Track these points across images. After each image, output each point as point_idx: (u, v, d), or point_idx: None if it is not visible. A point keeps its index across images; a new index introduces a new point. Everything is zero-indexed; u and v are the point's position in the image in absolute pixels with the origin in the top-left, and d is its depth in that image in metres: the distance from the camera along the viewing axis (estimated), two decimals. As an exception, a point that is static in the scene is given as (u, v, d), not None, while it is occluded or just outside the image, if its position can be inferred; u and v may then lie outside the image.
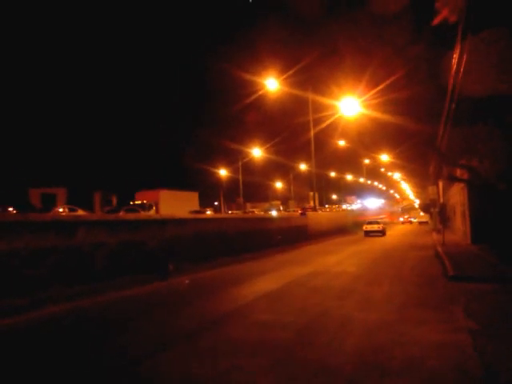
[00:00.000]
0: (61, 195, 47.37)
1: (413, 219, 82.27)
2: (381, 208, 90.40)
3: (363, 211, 74.20)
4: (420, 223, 69.90)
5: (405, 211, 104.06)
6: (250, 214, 44.89)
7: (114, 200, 53.75)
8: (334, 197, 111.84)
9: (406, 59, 18.89)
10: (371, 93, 26.10)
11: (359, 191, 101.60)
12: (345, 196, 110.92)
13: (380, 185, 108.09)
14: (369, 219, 46.65)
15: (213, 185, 69.64)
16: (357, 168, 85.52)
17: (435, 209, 34.74)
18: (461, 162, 19.35)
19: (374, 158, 69.95)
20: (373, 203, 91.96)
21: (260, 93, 34.40)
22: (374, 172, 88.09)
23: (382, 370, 5.23)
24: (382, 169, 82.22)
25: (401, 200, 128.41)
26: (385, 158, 63.46)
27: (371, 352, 5.92)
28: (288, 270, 15.44)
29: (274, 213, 46.35)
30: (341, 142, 60.18)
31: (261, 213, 55.64)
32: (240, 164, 61.90)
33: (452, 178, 25.46)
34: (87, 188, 50.38)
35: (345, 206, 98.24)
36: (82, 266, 11.88)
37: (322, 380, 5.10)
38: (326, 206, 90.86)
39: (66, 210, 32.69)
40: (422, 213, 74.56)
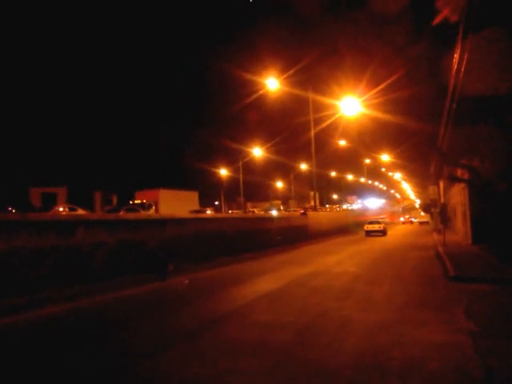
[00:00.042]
0: (61, 194, 47.39)
1: (413, 219, 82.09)
2: (381, 208, 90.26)
3: (364, 211, 74.12)
4: (420, 223, 69.76)
5: (405, 211, 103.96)
6: (250, 214, 44.83)
7: (115, 199, 53.76)
8: (335, 196, 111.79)
9: (407, 59, 18.87)
10: (372, 92, 26.09)
11: (360, 191, 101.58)
12: (345, 196, 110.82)
13: (381, 185, 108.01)
14: (370, 219, 46.67)
15: (213, 184, 69.71)
16: (357, 168, 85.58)
17: (436, 209, 34.70)
18: (462, 162, 19.31)
19: (375, 158, 69.92)
20: (373, 203, 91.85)
21: (260, 92, 34.37)
22: (375, 172, 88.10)
23: (382, 371, 5.21)
24: (383, 169, 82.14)
25: (401, 200, 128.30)
26: (385, 158, 63.42)
27: (371, 353, 5.89)
28: (288, 270, 15.40)
29: (275, 212, 46.32)
30: (341, 142, 60.19)
31: (261, 212, 55.60)
32: (240, 164, 61.90)
33: (453, 178, 25.41)
34: (88, 187, 50.42)
35: (345, 206, 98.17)
36: (82, 266, 11.86)
37: (322, 381, 5.08)
38: (327, 206, 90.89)
39: (66, 210, 32.67)
40: (423, 213, 74.45)
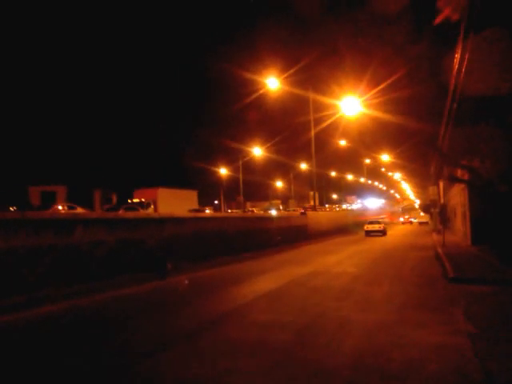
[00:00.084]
0: (61, 193, 47.29)
1: (413, 219, 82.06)
2: (381, 208, 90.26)
3: (363, 211, 74.10)
4: (420, 223, 69.73)
5: (405, 211, 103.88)
6: (250, 214, 44.79)
7: (114, 198, 53.67)
8: (335, 196, 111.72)
9: (407, 58, 18.82)
10: (372, 92, 26.04)
11: (359, 191, 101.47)
12: (345, 196, 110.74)
13: (380, 185, 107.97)
14: (370, 219, 47.00)
15: (213, 183, 69.66)
16: (357, 168, 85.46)
17: (435, 209, 34.68)
18: (462, 163, 19.27)
19: (375, 158, 69.91)
20: (373, 203, 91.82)
21: (261, 92, 34.29)
22: (375, 172, 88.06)
23: (381, 372, 5.18)
24: (383, 169, 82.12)
25: (401, 200, 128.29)
26: (385, 158, 63.47)
27: (370, 354, 5.87)
28: (287, 270, 15.38)
29: (274, 212, 46.29)
30: (341, 142, 60.13)
31: (260, 212, 55.55)
32: (240, 163, 61.83)
33: (453, 179, 25.38)
34: (87, 186, 50.30)
35: (345, 206, 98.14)
36: (81, 265, 11.83)
37: (321, 381, 5.06)
38: (326, 206, 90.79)
39: (65, 208, 32.62)
40: (422, 213, 74.42)
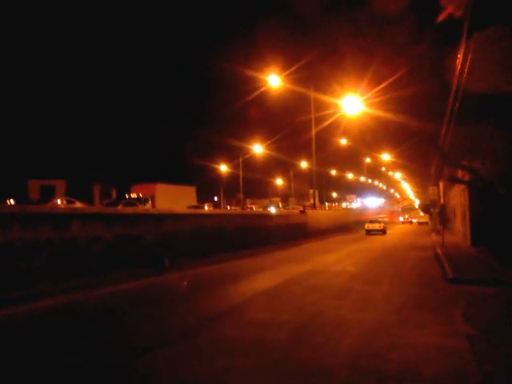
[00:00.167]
0: (60, 187, 47.11)
1: (413, 219, 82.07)
2: (381, 207, 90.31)
3: (363, 210, 74.16)
4: (419, 223, 69.70)
5: (405, 211, 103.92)
6: (249, 211, 44.73)
7: (114, 193, 53.52)
8: (335, 195, 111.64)
9: (409, 57, 18.73)
10: (373, 91, 25.98)
11: (359, 190, 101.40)
12: (345, 194, 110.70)
13: (381, 184, 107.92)
14: (370, 218, 47.98)
15: (213, 180, 69.56)
16: (358, 167, 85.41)
17: (435, 209, 34.62)
18: (462, 164, 19.21)
19: (376, 157, 69.88)
20: (373, 202, 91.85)
21: (262, 90, 34.18)
22: (375, 171, 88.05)
23: (379, 374, 5.12)
24: (383, 168, 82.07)
25: (401, 200, 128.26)
26: (386, 158, 63.50)
27: (368, 354, 5.81)
28: (286, 268, 15.34)
29: (273, 210, 46.27)
30: (342, 141, 60.03)
31: (260, 209, 55.51)
32: (240, 160, 61.71)
33: (453, 180, 25.33)
34: (87, 180, 50.18)
35: (344, 205, 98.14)
36: (78, 259, 11.78)
37: (319, 381, 5.01)
38: (326, 204, 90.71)
39: (64, 202, 32.52)
40: (422, 213, 74.38)
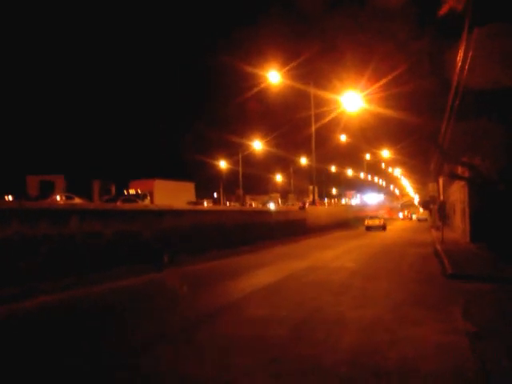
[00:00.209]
0: (59, 183, 47.02)
1: (413, 216, 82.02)
2: (380, 203, 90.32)
3: (363, 206, 74.19)
4: (419, 220, 69.62)
5: (404, 207, 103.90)
6: (249, 207, 44.72)
7: (113, 189, 53.46)
8: (334, 191, 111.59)
9: (409, 53, 18.66)
10: (373, 87, 25.90)
11: (359, 186, 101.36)
12: (344, 191, 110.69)
13: (380, 180, 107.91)
14: (370, 214, 48.47)
15: (213, 176, 69.43)
16: (357, 163, 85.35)
17: (435, 206, 34.64)
18: (462, 160, 19.18)
19: (375, 154, 69.86)
20: (372, 198, 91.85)
21: (262, 86, 34.13)
22: (375, 168, 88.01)
23: (378, 370, 5.09)
24: (383, 164, 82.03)
25: (400, 196, 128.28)
26: (386, 154, 63.54)
27: (367, 351, 5.79)
28: (286, 264, 15.32)
29: (272, 206, 46.29)
30: (342, 137, 60.00)
31: (259, 206, 55.51)
32: (240, 156, 61.62)
33: (453, 176, 25.30)
34: (86, 176, 50.11)
35: (344, 201, 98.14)
36: (77, 256, 11.75)
37: (319, 377, 4.99)
38: (325, 200, 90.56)
39: (63, 198, 32.49)
40: (422, 209, 74.38)
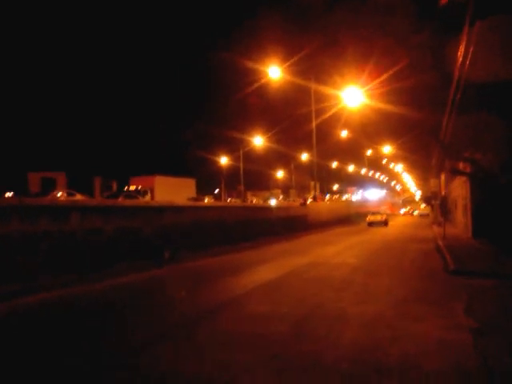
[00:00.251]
0: (61, 180, 47.08)
1: (414, 211, 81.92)
2: (382, 199, 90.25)
3: (364, 202, 74.18)
4: (421, 216, 69.50)
5: (406, 203, 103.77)
6: (250, 203, 44.72)
7: (115, 185, 53.52)
8: (335, 187, 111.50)
9: (410, 47, 18.56)
10: (374, 82, 25.83)
11: (360, 182, 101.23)
12: (346, 187, 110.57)
13: (382, 176, 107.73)
14: (372, 210, 48.93)
15: (214, 173, 69.39)
16: (359, 159, 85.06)
17: (436, 201, 34.59)
18: (464, 155, 19.12)
19: (377, 149, 69.68)
20: (374, 194, 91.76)
21: (262, 82, 33.99)
22: (376, 163, 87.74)
23: (380, 367, 5.06)
24: (384, 160, 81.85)
25: (402, 192, 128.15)
26: (387, 150, 63.43)
27: (368, 347, 5.76)
28: (287, 260, 15.30)
29: (273, 202, 46.29)
30: (343, 133, 59.76)
31: (260, 202, 55.51)
32: (241, 152, 61.50)
33: (455, 171, 25.25)
34: (88, 173, 50.17)
35: (345, 197, 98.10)
36: (78, 252, 11.73)
37: (320, 374, 4.96)
38: (327, 197, 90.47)
39: (64, 195, 32.49)
40: (423, 205, 74.26)
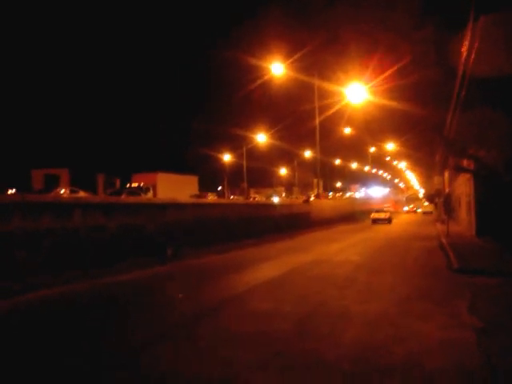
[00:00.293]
0: (64, 176, 47.09)
1: (418, 209, 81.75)
2: (385, 197, 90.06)
3: (367, 200, 74.05)
4: (424, 213, 69.35)
5: (409, 200, 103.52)
6: (252, 201, 44.63)
7: (118, 182, 53.56)
8: (339, 184, 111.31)
9: (414, 43, 18.45)
10: (378, 79, 25.73)
11: (364, 179, 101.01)
12: (349, 184, 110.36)
13: (385, 173, 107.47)
14: (376, 208, 48.82)
15: (217, 170, 69.44)
16: (362, 156, 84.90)
17: (440, 199, 34.48)
18: (468, 153, 19.00)
19: (380, 147, 69.54)
20: (377, 192, 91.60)
21: (265, 78, 33.85)
22: (380, 161, 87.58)
23: (383, 366, 5.03)
24: (388, 157, 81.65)
25: (405, 189, 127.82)
26: (391, 147, 63.28)
27: (371, 346, 5.72)
28: (290, 258, 15.27)
29: (276, 199, 46.23)
30: (346, 130, 59.57)
31: (263, 199, 55.43)
32: (244, 150, 61.45)
33: (458, 169, 25.11)
34: (91, 170, 50.20)
35: (348, 194, 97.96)
36: (81, 249, 11.73)
37: (323, 372, 4.94)
38: (330, 194, 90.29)
39: (68, 192, 32.51)
40: (427, 203, 74.08)
